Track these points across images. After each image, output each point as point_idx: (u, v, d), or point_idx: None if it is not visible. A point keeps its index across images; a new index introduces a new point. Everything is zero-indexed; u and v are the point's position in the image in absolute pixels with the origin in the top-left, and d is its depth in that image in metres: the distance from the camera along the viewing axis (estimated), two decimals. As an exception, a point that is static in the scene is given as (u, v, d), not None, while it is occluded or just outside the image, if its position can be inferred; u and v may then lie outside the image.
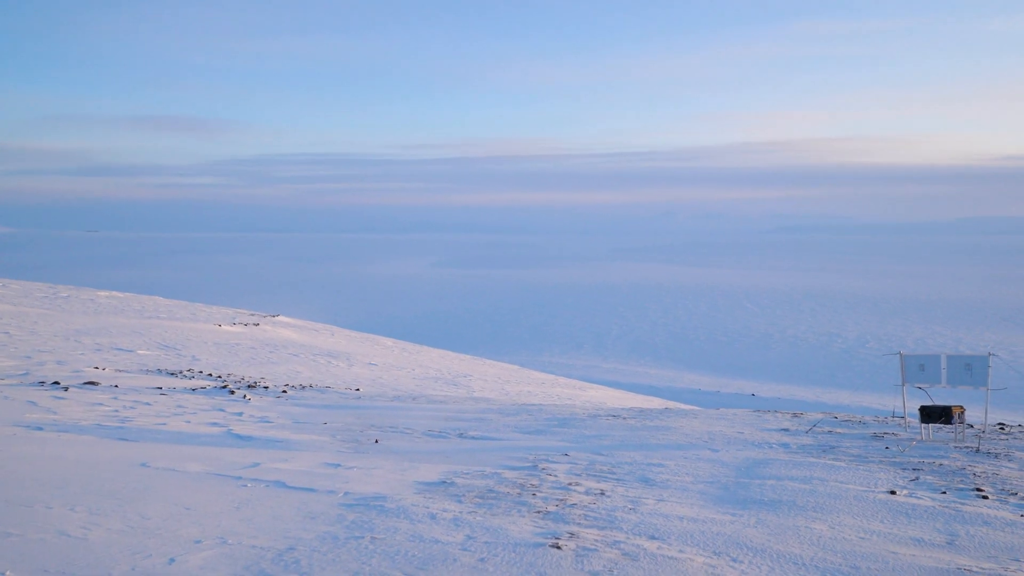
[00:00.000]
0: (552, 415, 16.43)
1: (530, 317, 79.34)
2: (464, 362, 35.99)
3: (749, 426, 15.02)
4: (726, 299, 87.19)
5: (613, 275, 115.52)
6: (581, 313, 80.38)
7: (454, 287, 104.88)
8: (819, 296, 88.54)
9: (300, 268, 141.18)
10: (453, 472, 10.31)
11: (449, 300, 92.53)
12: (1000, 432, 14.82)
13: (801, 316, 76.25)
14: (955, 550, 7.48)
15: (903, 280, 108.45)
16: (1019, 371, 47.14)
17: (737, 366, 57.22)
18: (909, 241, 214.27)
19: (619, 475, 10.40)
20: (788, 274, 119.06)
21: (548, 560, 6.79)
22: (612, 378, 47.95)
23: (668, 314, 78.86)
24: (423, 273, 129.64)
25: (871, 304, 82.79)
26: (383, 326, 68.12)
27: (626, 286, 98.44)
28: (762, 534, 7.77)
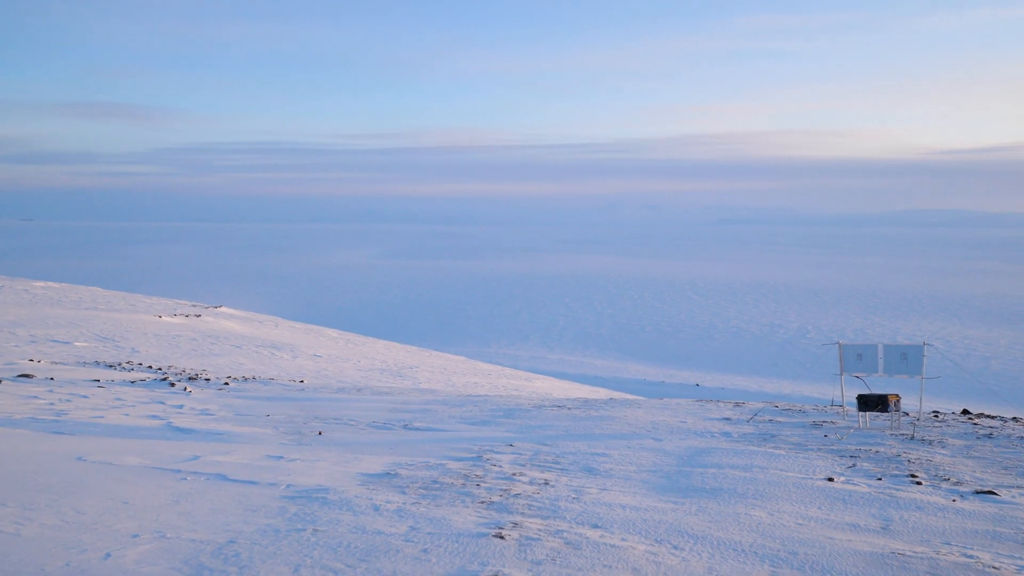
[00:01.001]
0: (498, 406, 16.44)
1: (476, 308, 79.30)
2: (410, 353, 35.83)
3: (692, 416, 15.21)
4: (671, 290, 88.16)
5: (559, 266, 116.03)
6: (527, 304, 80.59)
7: (400, 278, 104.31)
8: (761, 287, 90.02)
9: (243, 259, 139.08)
10: (397, 463, 10.25)
11: (395, 291, 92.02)
12: (934, 420, 15.23)
13: (744, 307, 77.45)
14: (889, 535, 7.66)
15: (843, 271, 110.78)
16: (953, 360, 48.53)
17: (682, 356, 57.91)
18: (848, 233, 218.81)
19: (563, 465, 10.45)
20: (731, 265, 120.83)
21: (491, 550, 6.79)
22: (558, 369, 48.18)
23: (614, 305, 79.46)
24: (369, 264, 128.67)
25: (812, 295, 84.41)
26: (328, 317, 67.49)
27: (572, 277, 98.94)
28: (703, 521, 7.88)
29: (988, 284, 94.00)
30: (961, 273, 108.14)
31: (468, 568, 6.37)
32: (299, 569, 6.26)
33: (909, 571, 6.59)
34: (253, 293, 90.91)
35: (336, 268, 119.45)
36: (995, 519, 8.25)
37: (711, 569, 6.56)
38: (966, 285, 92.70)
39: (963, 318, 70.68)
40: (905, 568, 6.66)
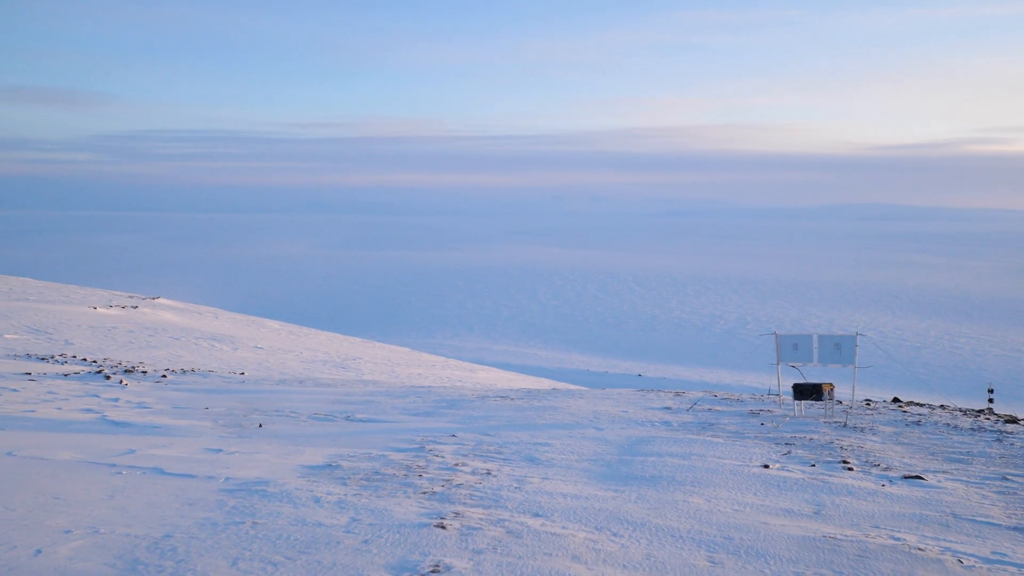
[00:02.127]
0: (441, 397, 16.44)
1: (421, 299, 79.05)
2: (353, 345, 35.59)
3: (633, 405, 15.40)
4: (614, 282, 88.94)
5: (504, 257, 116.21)
6: (472, 295, 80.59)
7: (343, 268, 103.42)
8: (703, 279, 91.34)
9: (181, 249, 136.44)
10: (339, 455, 10.20)
11: (338, 282, 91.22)
12: (866, 408, 15.66)
13: (686, 298, 78.52)
14: (822, 519, 7.88)
15: (781, 263, 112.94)
16: (885, 350, 49.88)
17: (625, 347, 58.51)
18: (786, 226, 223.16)
19: (506, 455, 10.51)
20: (673, 257, 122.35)
21: (432, 540, 6.82)
22: (502, 360, 48.31)
23: (558, 296, 79.89)
24: (311, 254, 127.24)
25: (751, 286, 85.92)
26: (269, 308, 66.64)
27: (516, 268, 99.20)
28: (642, 509, 8.00)
29: (918, 276, 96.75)
30: (893, 265, 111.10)
31: (409, 558, 6.39)
32: (237, 562, 6.21)
33: (840, 554, 6.79)
34: (192, 284, 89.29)
35: (279, 258, 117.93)
36: (922, 503, 8.54)
37: (649, 555, 6.67)
38: (898, 277, 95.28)
39: (895, 309, 72.64)
40: (836, 551, 6.86)
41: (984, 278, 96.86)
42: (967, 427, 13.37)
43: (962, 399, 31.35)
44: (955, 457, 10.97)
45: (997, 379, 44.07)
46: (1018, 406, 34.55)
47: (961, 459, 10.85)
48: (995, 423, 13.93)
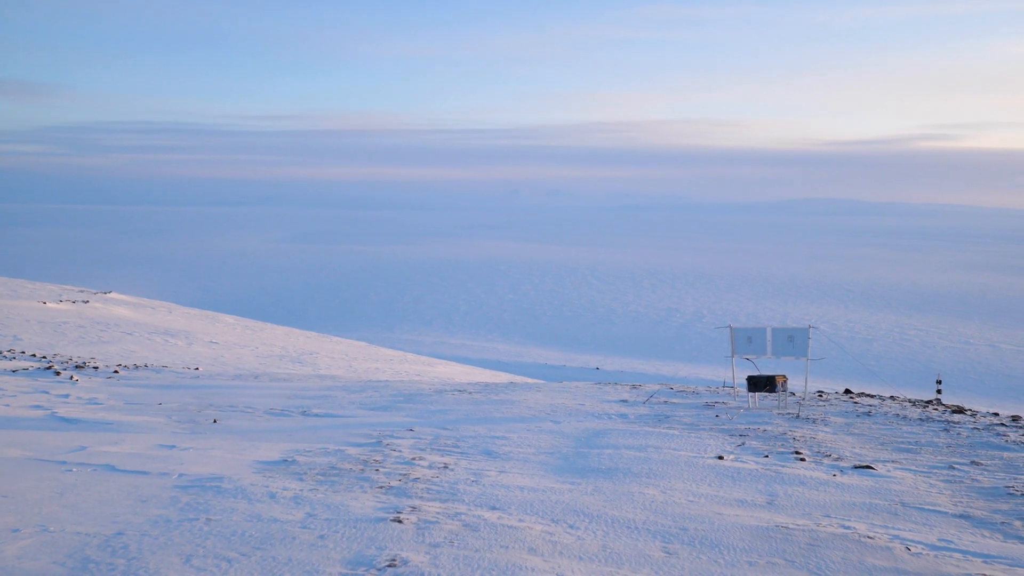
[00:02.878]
0: (398, 391, 16.39)
1: (378, 293, 78.64)
2: (310, 339, 35.30)
3: (590, 398, 15.49)
4: (572, 275, 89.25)
5: (462, 251, 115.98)
6: (430, 289, 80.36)
7: (300, 263, 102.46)
8: (659, 273, 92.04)
9: (135, 242, 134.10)
10: (295, 450, 10.13)
11: (295, 276, 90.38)
12: (819, 399, 15.92)
13: (643, 292, 79.06)
14: (774, 509, 8.00)
15: (736, 257, 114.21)
16: (837, 342, 50.73)
17: (582, 340, 58.77)
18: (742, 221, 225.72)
19: (463, 449, 10.52)
20: (631, 251, 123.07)
21: (389, 534, 6.80)
22: (460, 354, 48.25)
23: (516, 290, 79.98)
24: (268, 248, 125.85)
25: (707, 280, 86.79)
26: (225, 303, 65.83)
27: (474, 262, 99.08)
28: (598, 501, 8.06)
29: (870, 270, 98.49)
30: (846, 259, 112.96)
31: (365, 553, 6.37)
32: (191, 559, 6.14)
33: (791, 543, 6.90)
34: (146, 278, 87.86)
35: (235, 252, 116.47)
36: (871, 492, 8.71)
37: (605, 547, 6.72)
38: (850, 271, 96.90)
39: (847, 302, 73.89)
40: (788, 540, 6.97)
41: (933, 272, 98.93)
42: (916, 417, 13.66)
43: (912, 390, 32.02)
44: (904, 447, 11.21)
45: (945, 370, 45.08)
46: (965, 396, 35.36)
47: (910, 449, 11.08)
48: (943, 413, 14.25)
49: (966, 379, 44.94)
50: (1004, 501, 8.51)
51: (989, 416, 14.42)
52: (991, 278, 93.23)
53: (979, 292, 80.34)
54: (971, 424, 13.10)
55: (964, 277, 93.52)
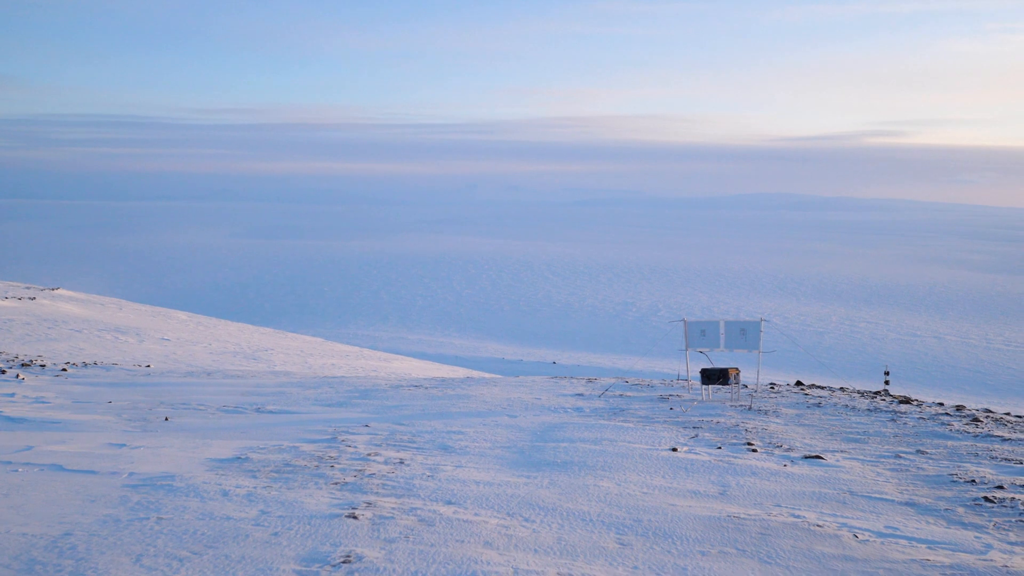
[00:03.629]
0: (354, 387, 16.31)
1: (334, 289, 78.07)
2: (265, 335, 34.94)
3: (546, 392, 15.56)
4: (528, 270, 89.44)
5: (419, 246, 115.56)
6: (386, 285, 79.98)
7: (254, 258, 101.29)
8: (616, 267, 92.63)
9: (84, 238, 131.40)
10: (248, 447, 10.03)
11: (249, 272, 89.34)
12: (771, 391, 16.18)
13: (599, 286, 79.51)
14: (727, 499, 8.12)
15: (691, 252, 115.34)
16: (789, 335, 51.52)
17: (539, 335, 58.96)
18: (697, 215, 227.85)
19: (419, 444, 10.50)
20: (587, 246, 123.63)
21: (344, 530, 6.78)
22: (417, 349, 48.13)
23: (472, 285, 79.94)
24: (221, 243, 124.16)
25: (663, 275, 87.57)
26: (177, 299, 64.88)
27: (431, 257, 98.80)
28: (554, 494, 8.11)
29: (822, 264, 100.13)
30: (798, 254, 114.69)
31: (320, 549, 6.34)
32: (141, 559, 6.06)
33: (743, 532, 7.01)
34: (95, 274, 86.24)
35: (187, 248, 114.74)
36: (820, 481, 8.88)
37: (560, 539, 6.77)
38: (802, 265, 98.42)
39: (799, 296, 75.07)
40: (740, 530, 7.08)
41: (882, 266, 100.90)
42: (864, 408, 13.94)
43: (861, 381, 32.63)
44: (853, 437, 11.44)
45: (893, 362, 46.05)
46: (912, 387, 36.17)
47: (858, 439, 11.31)
48: (890, 404, 14.56)
49: (913, 370, 45.96)
50: (948, 488, 8.72)
51: (934, 406, 14.77)
52: (937, 272, 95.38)
53: (926, 285, 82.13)
54: (917, 414, 13.41)
55: (912, 271, 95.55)
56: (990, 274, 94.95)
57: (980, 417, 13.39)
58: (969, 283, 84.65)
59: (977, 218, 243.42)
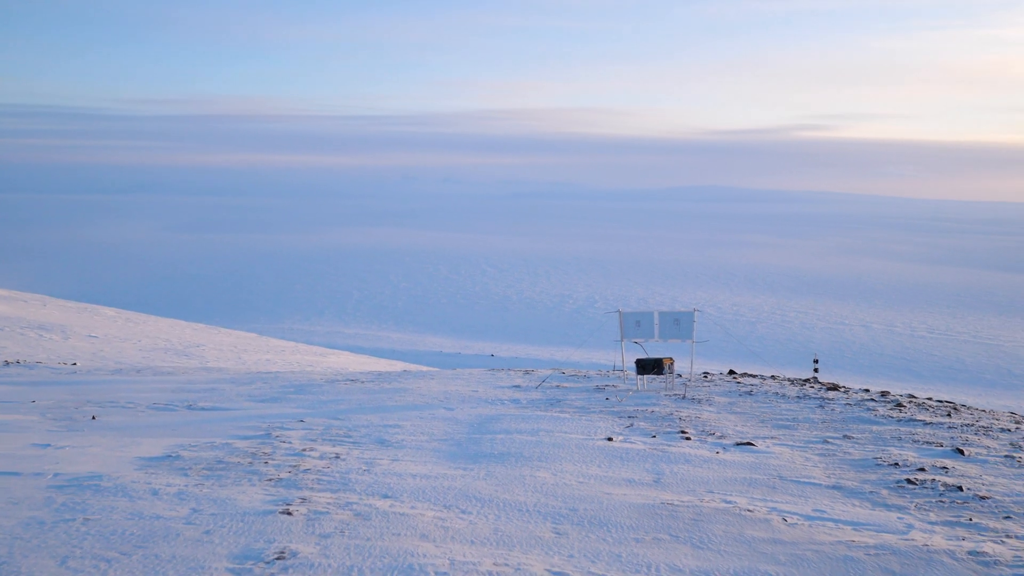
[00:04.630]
0: (289, 382, 16.11)
1: (268, 283, 76.89)
2: (196, 331, 34.26)
3: (484, 385, 15.58)
4: (466, 263, 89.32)
5: (354, 239, 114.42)
6: (321, 278, 79.07)
7: (185, 252, 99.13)
8: (553, 259, 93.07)
9: (4, 232, 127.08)
10: (179, 445, 9.83)
11: (180, 266, 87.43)
12: (704, 380, 16.45)
13: (537, 279, 79.81)
14: (661, 487, 8.25)
15: (627, 244, 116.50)
16: (722, 325, 52.45)
17: (477, 328, 58.96)
18: (633, 207, 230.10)
19: (355, 438, 10.43)
20: (525, 238, 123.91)
21: (278, 526, 6.70)
22: (354, 343, 47.71)
23: (410, 278, 79.54)
24: (151, 237, 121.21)
25: (599, 266, 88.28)
26: (104, 295, 63.19)
27: (367, 250, 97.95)
28: (490, 486, 8.13)
29: (754, 255, 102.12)
30: (731, 245, 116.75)
31: (253, 546, 6.26)
32: (66, 561, 5.90)
33: (677, 519, 7.14)
34: (17, 270, 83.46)
35: (115, 242, 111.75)
36: (751, 467, 9.08)
37: (496, 530, 6.80)
38: (735, 256, 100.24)
39: (732, 286, 76.46)
40: (673, 516, 7.20)
41: (812, 256, 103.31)
42: (794, 395, 14.28)
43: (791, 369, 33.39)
44: (782, 424, 11.71)
45: (822, 349, 47.22)
46: (840, 374, 37.15)
47: (788, 425, 11.59)
48: (818, 391, 14.94)
49: (841, 358, 47.21)
50: (873, 472, 9.00)
51: (861, 392, 15.20)
52: (865, 262, 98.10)
53: (854, 275, 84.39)
54: (844, 400, 13.78)
55: (840, 261, 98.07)
56: (914, 264, 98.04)
57: (904, 402, 13.82)
58: (894, 273, 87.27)
59: (901, 210, 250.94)
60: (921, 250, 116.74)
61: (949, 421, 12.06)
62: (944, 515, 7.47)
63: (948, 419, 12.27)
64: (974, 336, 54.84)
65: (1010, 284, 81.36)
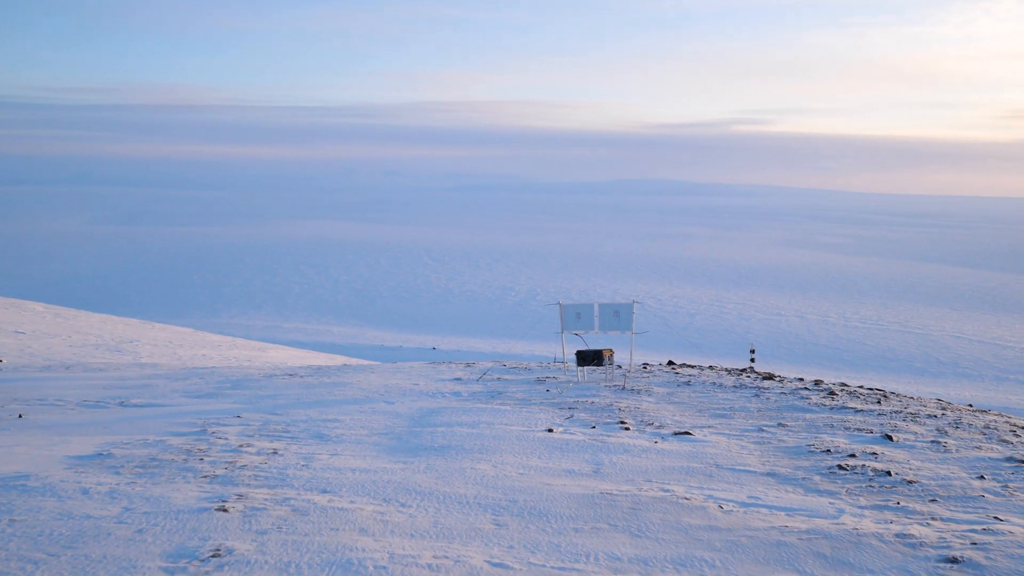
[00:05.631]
0: (225, 377, 15.84)
1: (205, 277, 75.47)
2: (130, 327, 33.46)
3: (425, 378, 15.53)
4: (407, 256, 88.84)
5: (293, 232, 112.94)
6: (260, 272, 77.89)
7: (118, 245, 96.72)
8: (495, 252, 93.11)
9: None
10: (111, 443, 9.60)
11: (112, 260, 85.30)
12: (643, 371, 16.63)
13: (478, 271, 79.76)
14: (600, 477, 8.32)
15: (569, 236, 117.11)
16: (662, 316, 53.10)
17: (419, 321, 58.71)
18: (574, 200, 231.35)
19: (293, 433, 10.30)
20: (466, 231, 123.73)
21: (213, 524, 6.58)
22: (294, 338, 47.13)
23: (350, 271, 78.82)
24: (81, 230, 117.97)
25: (541, 259, 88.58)
26: (32, 290, 61.36)
27: (307, 244, 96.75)
28: (430, 478, 8.11)
29: (693, 247, 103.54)
30: (671, 238, 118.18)
31: (188, 544, 6.14)
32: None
33: (615, 508, 7.20)
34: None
35: (43, 235, 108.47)
36: (689, 456, 9.21)
37: (436, 522, 6.78)
38: (675, 249, 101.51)
39: (672, 279, 77.41)
40: (612, 505, 7.27)
41: (750, 249, 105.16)
42: (731, 385, 14.52)
43: (729, 360, 33.97)
44: (719, 413, 11.90)
45: (759, 340, 48.11)
46: (776, 364, 37.91)
47: (724, 414, 11.78)
48: (754, 380, 15.22)
49: (777, 348, 48.18)
50: (806, 458, 9.20)
51: (795, 381, 15.52)
52: (800, 254, 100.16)
53: (790, 267, 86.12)
54: (779, 389, 14.06)
55: (777, 254, 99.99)
56: (848, 256, 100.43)
57: (836, 391, 14.16)
58: (829, 265, 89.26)
59: (836, 203, 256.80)
60: (854, 242, 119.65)
61: (879, 408, 12.40)
62: (873, 499, 7.67)
63: (878, 406, 12.60)
64: (904, 325, 56.44)
65: (938, 275, 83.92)
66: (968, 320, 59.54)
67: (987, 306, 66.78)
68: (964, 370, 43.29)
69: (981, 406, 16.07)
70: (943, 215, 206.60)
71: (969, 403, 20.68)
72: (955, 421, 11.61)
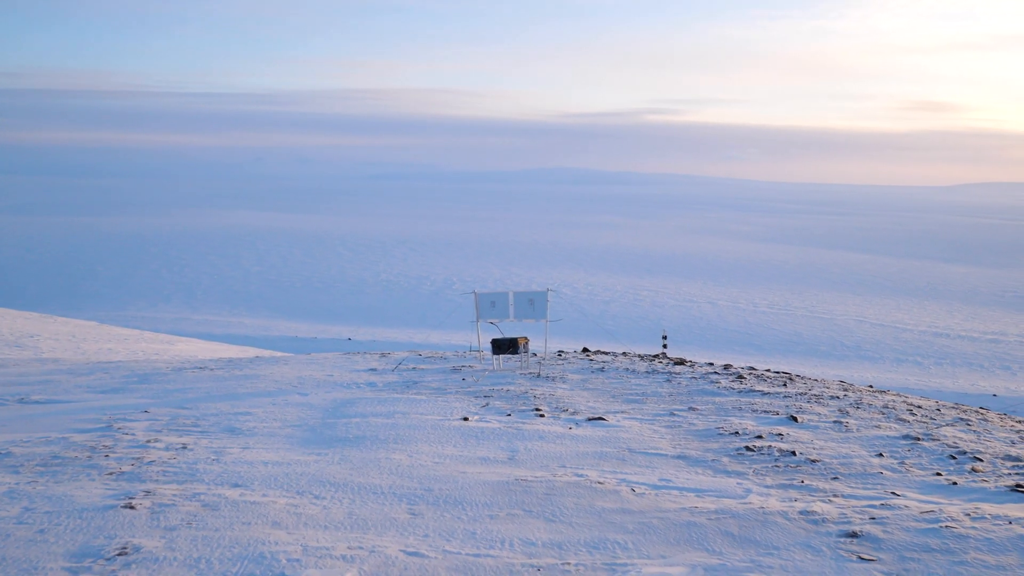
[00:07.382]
0: (132, 371, 15.38)
1: (109, 269, 72.95)
2: (29, 321, 32.15)
3: (339, 369, 15.38)
4: (321, 246, 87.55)
5: (202, 222, 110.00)
6: (167, 263, 75.69)
7: (16, 236, 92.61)
8: (410, 241, 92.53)
9: None
10: (10, 442, 9.24)
11: (10, 251, 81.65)
12: (558, 358, 16.81)
13: (393, 261, 79.18)
14: (515, 464, 8.39)
15: (483, 225, 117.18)
16: (576, 304, 53.68)
17: (333, 311, 57.98)
18: (487, 189, 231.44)
19: (203, 427, 10.09)
20: (381, 220, 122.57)
21: (120, 521, 6.41)
22: (204, 330, 46.00)
23: (262, 262, 77.27)
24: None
25: (456, 248, 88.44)
26: (-77, 283, 58.34)
27: (216, 233, 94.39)
28: (345, 470, 8.05)
29: (607, 236, 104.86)
30: (585, 226, 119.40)
31: (93, 543, 5.97)
32: None
33: (530, 494, 7.28)
34: None
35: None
36: (603, 441, 9.37)
37: (351, 514, 6.75)
38: (589, 237, 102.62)
39: (586, 266, 78.28)
40: (527, 492, 7.34)
41: (662, 236, 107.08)
42: (643, 371, 14.80)
43: (643, 346, 34.59)
44: (632, 398, 12.13)
45: (672, 326, 49.10)
46: (688, 349, 38.77)
47: (637, 400, 12.01)
48: (666, 366, 15.55)
49: (689, 333, 49.25)
50: (715, 441, 9.46)
51: (705, 366, 15.92)
52: (711, 242, 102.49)
53: (701, 255, 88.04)
54: (690, 374, 14.40)
55: (688, 241, 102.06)
56: (756, 244, 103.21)
57: (744, 374, 14.58)
58: (738, 252, 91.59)
59: (744, 192, 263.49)
60: (762, 230, 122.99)
61: (785, 391, 12.82)
62: (779, 479, 7.95)
63: (784, 389, 13.03)
64: (810, 310, 58.37)
65: (842, 262, 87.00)
66: (870, 304, 61.94)
67: (887, 291, 69.59)
68: (866, 352, 45.05)
69: (881, 387, 16.78)
70: (845, 203, 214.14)
71: (870, 384, 21.58)
72: (856, 402, 12.10)
